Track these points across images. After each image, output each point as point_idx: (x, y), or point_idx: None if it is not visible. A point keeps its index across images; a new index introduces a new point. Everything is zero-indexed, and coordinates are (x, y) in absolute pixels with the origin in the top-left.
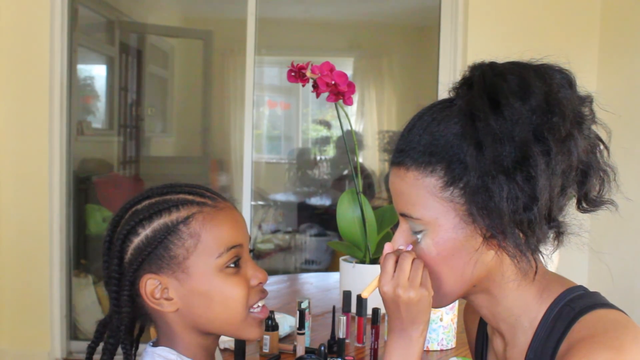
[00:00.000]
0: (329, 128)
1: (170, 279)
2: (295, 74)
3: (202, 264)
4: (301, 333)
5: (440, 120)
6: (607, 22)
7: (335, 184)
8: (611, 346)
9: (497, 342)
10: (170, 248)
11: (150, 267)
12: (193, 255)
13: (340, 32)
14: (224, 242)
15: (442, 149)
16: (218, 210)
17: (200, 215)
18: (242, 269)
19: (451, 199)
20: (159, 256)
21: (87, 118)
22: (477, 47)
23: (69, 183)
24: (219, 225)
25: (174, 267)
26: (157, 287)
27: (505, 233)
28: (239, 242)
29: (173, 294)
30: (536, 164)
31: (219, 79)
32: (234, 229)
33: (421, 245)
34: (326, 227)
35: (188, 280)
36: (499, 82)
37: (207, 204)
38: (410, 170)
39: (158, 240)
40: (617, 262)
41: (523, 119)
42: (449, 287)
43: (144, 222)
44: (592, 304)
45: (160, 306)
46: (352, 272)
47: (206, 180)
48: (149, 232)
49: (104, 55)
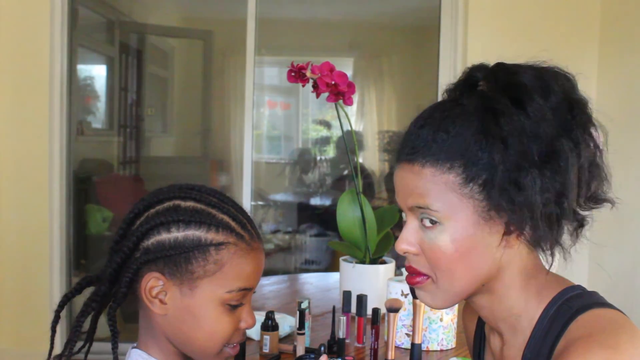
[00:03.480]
0: (329, 128)
1: (174, 287)
2: (295, 74)
3: (210, 290)
4: (301, 333)
5: (455, 118)
6: (607, 22)
7: (335, 184)
8: (608, 345)
9: (495, 341)
10: (192, 262)
11: (163, 267)
12: (207, 279)
13: (340, 32)
14: (240, 281)
15: (461, 146)
16: (250, 250)
17: (233, 248)
18: (239, 309)
19: (471, 195)
20: (177, 263)
21: (87, 118)
22: (477, 47)
23: (69, 183)
24: (244, 265)
25: (184, 279)
26: (159, 286)
27: (536, 227)
28: (251, 286)
29: (169, 300)
30: (567, 158)
31: (219, 79)
32: (254, 273)
33: (437, 242)
34: (326, 227)
35: (189, 297)
36: (519, 80)
37: (244, 238)
38: (426, 167)
39: (184, 249)
40: (617, 262)
41: (547, 115)
42: (462, 286)
43: (181, 223)
44: (589, 303)
45: (151, 304)
46: (352, 272)
47: (206, 180)
48: (180, 236)
49: (104, 55)
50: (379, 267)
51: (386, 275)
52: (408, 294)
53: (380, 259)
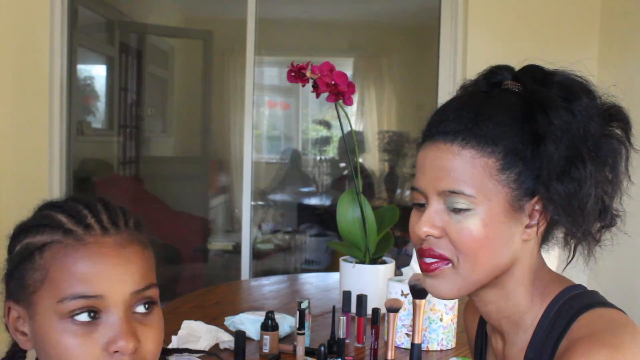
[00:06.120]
0: (329, 128)
1: (24, 311)
2: (295, 74)
3: (43, 305)
4: (301, 333)
5: (496, 105)
6: (607, 22)
7: (335, 184)
8: (610, 344)
9: (497, 341)
10: (24, 275)
11: (12, 291)
12: (39, 291)
13: (340, 32)
14: (74, 286)
15: (504, 133)
16: (80, 246)
17: (57, 247)
18: (100, 327)
19: (506, 183)
20: (16, 281)
21: (87, 118)
22: (477, 47)
23: (69, 183)
24: (71, 264)
25: (25, 299)
26: (17, 318)
27: (584, 218)
28: (94, 292)
29: (27, 329)
30: (615, 156)
31: (219, 79)
32: (94, 274)
33: (467, 225)
34: (326, 227)
35: (33, 320)
36: (571, 80)
37: (73, 233)
38: (466, 148)
39: (14, 263)
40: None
41: (594, 113)
42: (482, 273)
43: (20, 236)
44: (591, 302)
45: (16, 339)
46: (352, 272)
47: (206, 180)
48: (18, 248)
49: (104, 55)
50: (379, 267)
51: (386, 275)
52: (408, 294)
53: (380, 259)
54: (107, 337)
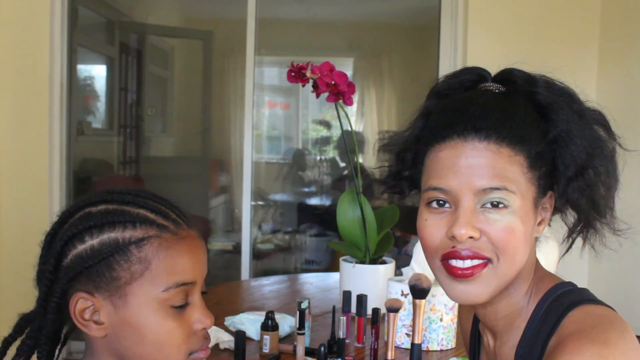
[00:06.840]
0: (329, 128)
1: (105, 302)
2: (295, 74)
3: (143, 294)
4: (301, 333)
5: (516, 103)
6: (607, 22)
7: (335, 184)
8: (598, 341)
9: (488, 340)
10: (114, 268)
11: (87, 282)
12: (136, 283)
13: (340, 32)
14: (175, 276)
15: (529, 133)
16: (178, 240)
17: (157, 241)
18: (188, 310)
19: (533, 181)
20: (99, 273)
21: (87, 118)
22: (477, 47)
23: (69, 183)
24: (174, 256)
25: (112, 289)
26: (89, 307)
27: (600, 212)
28: (192, 279)
29: (104, 318)
30: (616, 158)
31: (219, 79)
32: (191, 264)
33: (509, 223)
34: (326, 227)
35: (123, 308)
36: (557, 84)
37: (168, 228)
38: (502, 146)
39: (103, 256)
40: (617, 262)
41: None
42: (515, 271)
43: (94, 230)
44: (580, 299)
45: (87, 328)
46: (352, 272)
47: (206, 180)
48: (95, 243)
49: (104, 55)
50: (379, 267)
51: (386, 275)
52: (408, 294)
53: (380, 259)
54: (192, 317)
